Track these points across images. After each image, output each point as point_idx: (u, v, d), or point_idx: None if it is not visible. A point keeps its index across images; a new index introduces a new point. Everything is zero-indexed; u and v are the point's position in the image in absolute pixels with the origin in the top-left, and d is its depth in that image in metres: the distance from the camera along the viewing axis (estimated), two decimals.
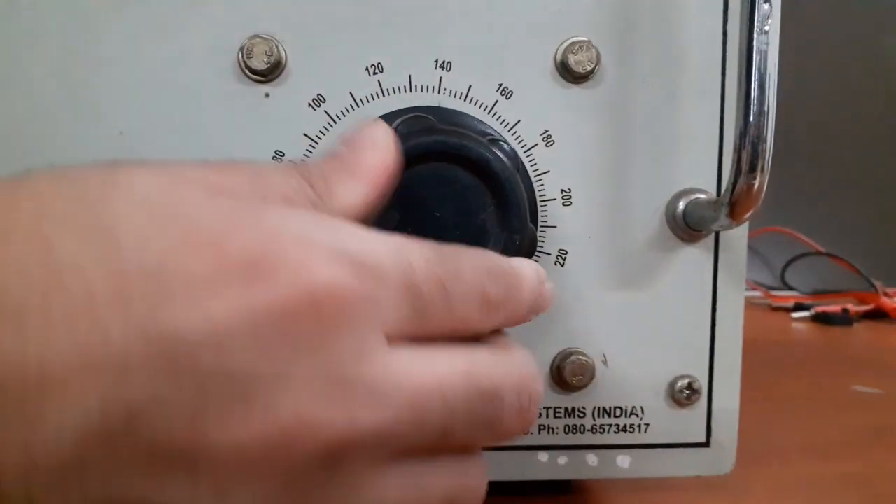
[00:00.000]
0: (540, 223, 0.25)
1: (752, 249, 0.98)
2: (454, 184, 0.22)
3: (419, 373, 0.16)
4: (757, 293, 0.90)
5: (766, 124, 0.23)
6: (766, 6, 0.22)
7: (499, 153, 0.22)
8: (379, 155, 0.19)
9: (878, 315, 0.76)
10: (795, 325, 0.73)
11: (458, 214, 0.22)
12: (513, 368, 0.18)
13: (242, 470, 0.14)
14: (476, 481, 0.19)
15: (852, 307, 0.76)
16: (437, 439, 0.17)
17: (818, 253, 0.89)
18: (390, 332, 0.17)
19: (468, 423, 0.17)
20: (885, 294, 0.80)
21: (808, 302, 0.80)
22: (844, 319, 0.73)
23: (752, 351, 0.57)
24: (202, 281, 0.14)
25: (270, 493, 0.15)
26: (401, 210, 0.22)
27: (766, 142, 0.23)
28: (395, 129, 0.23)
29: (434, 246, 0.18)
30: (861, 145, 0.97)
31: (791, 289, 0.91)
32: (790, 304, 0.81)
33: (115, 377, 0.13)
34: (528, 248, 0.23)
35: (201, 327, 0.14)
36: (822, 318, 0.73)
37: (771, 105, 0.23)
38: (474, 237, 0.22)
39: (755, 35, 0.22)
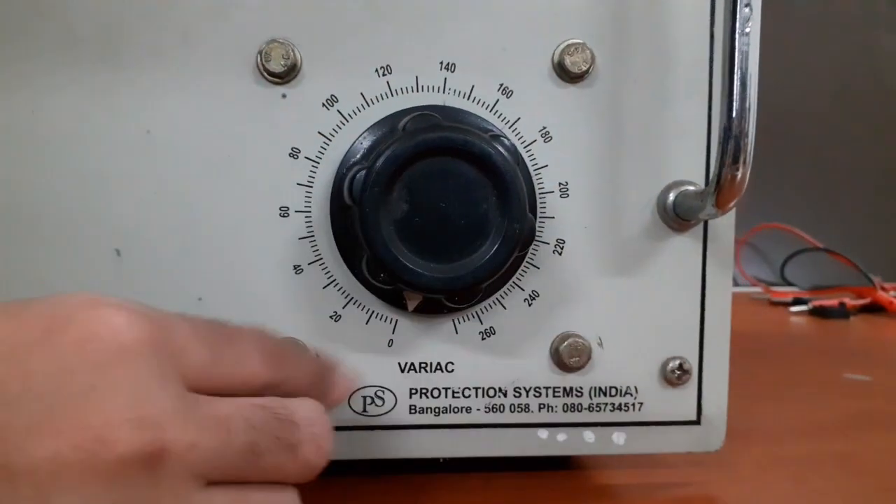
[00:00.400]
0: (539, 214, 0.27)
1: (753, 246, 1.00)
2: (458, 177, 0.24)
3: (221, 402, 0.19)
4: (757, 289, 0.91)
5: (748, 119, 0.24)
6: (747, 10, 0.24)
7: (500, 148, 0.24)
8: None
9: (874, 309, 0.78)
10: (794, 318, 0.74)
11: (463, 205, 0.24)
12: (306, 404, 0.21)
13: (59, 475, 0.16)
14: None
15: (849, 301, 0.77)
16: (246, 459, 0.19)
17: (817, 249, 0.91)
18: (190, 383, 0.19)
19: (271, 444, 0.19)
20: (883, 288, 0.81)
21: (806, 297, 0.81)
22: (841, 313, 0.74)
23: (750, 343, 0.59)
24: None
25: (93, 496, 0.16)
26: (409, 202, 0.24)
27: (748, 136, 0.24)
28: (404, 127, 0.25)
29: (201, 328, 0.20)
30: (859, 145, 0.99)
31: (790, 284, 0.93)
32: (789, 298, 0.82)
33: None
34: (527, 237, 0.25)
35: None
36: (819, 312, 0.75)
37: (752, 101, 0.24)
38: (477, 226, 0.24)
39: (737, 37, 0.24)
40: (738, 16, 0.24)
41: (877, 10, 0.99)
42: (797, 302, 0.79)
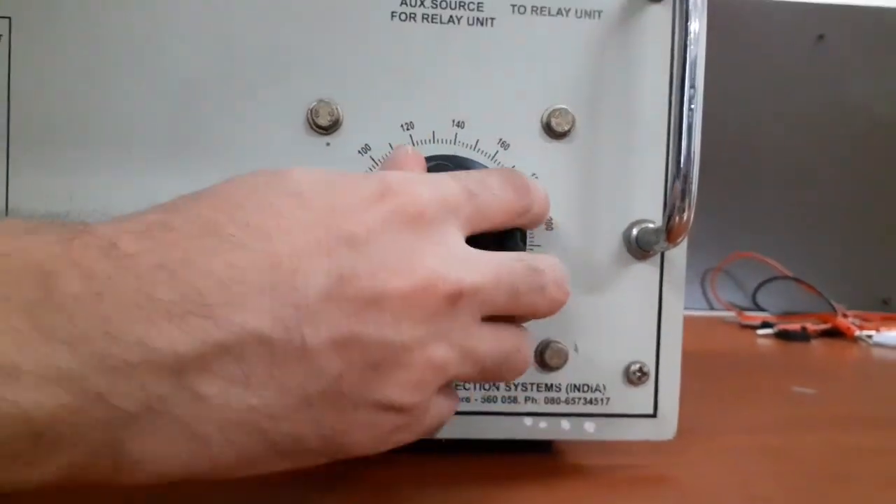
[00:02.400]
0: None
1: (727, 273, 1.07)
2: None
3: (491, 256, 0.27)
4: (731, 313, 0.98)
5: (692, 171, 0.31)
6: (692, 90, 0.31)
7: None
8: None
9: (834, 333, 0.85)
10: (760, 340, 0.81)
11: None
12: (548, 258, 0.29)
13: (406, 307, 0.24)
14: (526, 346, 0.29)
15: (811, 326, 0.84)
16: (510, 299, 0.27)
17: (786, 277, 0.98)
18: (464, 229, 0.27)
19: (526, 287, 0.27)
20: (844, 315, 0.88)
21: (773, 321, 0.88)
22: (802, 336, 0.81)
23: (717, 360, 0.66)
24: (357, 208, 0.24)
25: (421, 322, 0.24)
26: None
27: (692, 184, 0.31)
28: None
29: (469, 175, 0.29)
30: (827, 181, 1.06)
31: (762, 309, 1.00)
32: (757, 322, 0.89)
33: (328, 258, 0.23)
34: None
35: (365, 229, 0.24)
36: (783, 335, 0.82)
37: (695, 157, 0.31)
38: None
39: (684, 110, 0.31)
40: (685, 94, 0.31)
41: (846, 58, 1.07)
42: (764, 325, 0.86)
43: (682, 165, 0.31)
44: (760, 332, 0.85)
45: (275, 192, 0.24)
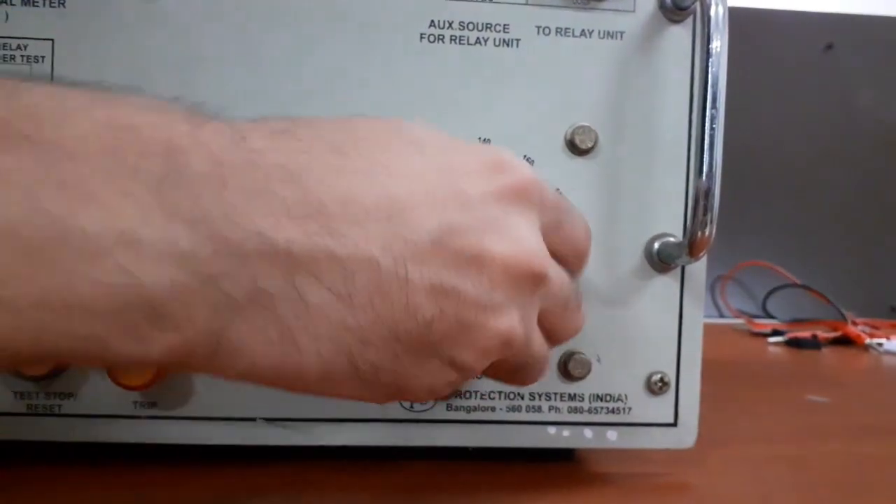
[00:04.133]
0: None
1: (737, 281, 1.08)
2: None
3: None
4: (740, 320, 0.99)
5: (714, 187, 0.32)
6: (714, 110, 0.32)
7: None
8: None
9: (845, 341, 0.85)
10: (771, 348, 0.82)
11: None
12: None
13: (504, 273, 0.25)
14: (546, 366, 0.30)
15: (821, 333, 0.85)
16: (559, 306, 0.28)
17: (796, 285, 0.99)
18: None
19: (574, 305, 0.30)
20: (854, 323, 0.89)
21: (783, 329, 0.89)
22: (813, 344, 0.82)
23: (730, 369, 0.66)
24: (473, 172, 0.25)
25: (512, 292, 0.25)
26: None
27: (713, 199, 0.32)
28: None
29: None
30: (836, 189, 1.07)
31: (771, 317, 1.00)
32: (768, 330, 0.90)
33: (441, 209, 0.24)
34: None
35: (479, 193, 0.25)
36: (794, 343, 0.82)
37: (717, 176, 0.32)
38: None
39: (706, 130, 0.32)
40: (706, 112, 0.32)
41: (855, 67, 1.08)
42: (775, 333, 0.87)
43: (703, 182, 0.32)
44: (771, 339, 0.85)
45: (397, 137, 0.25)
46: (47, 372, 0.32)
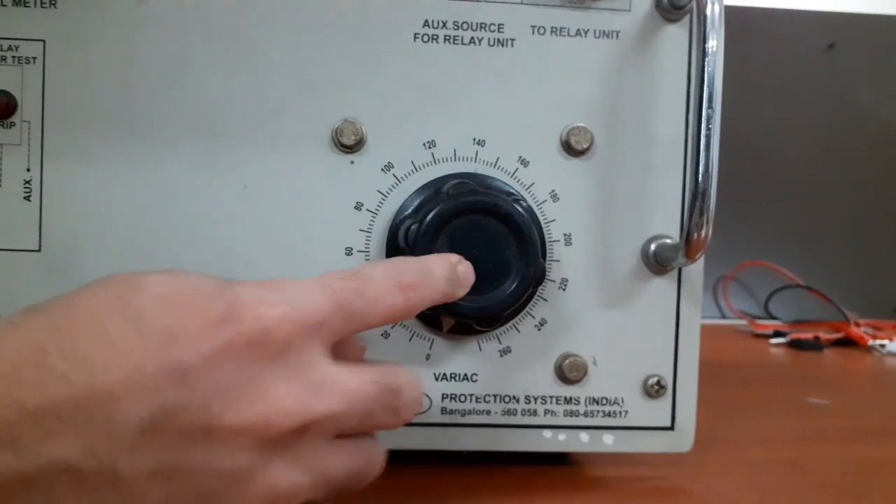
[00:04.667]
0: (548, 258, 0.34)
1: (739, 282, 1.07)
2: (488, 230, 0.31)
3: (349, 378, 0.26)
4: (743, 321, 0.98)
5: (710, 189, 0.32)
6: (710, 109, 0.31)
7: (519, 209, 0.32)
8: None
9: (847, 342, 0.85)
10: (773, 349, 0.81)
11: (490, 252, 0.31)
12: (409, 374, 0.28)
13: (240, 439, 0.23)
14: (378, 457, 0.28)
15: (823, 335, 0.84)
16: (362, 421, 0.26)
17: (798, 286, 0.98)
18: (334, 339, 0.26)
19: (380, 409, 0.27)
20: (857, 324, 0.88)
21: (785, 330, 0.88)
22: (815, 345, 0.81)
23: (731, 370, 0.66)
24: (195, 335, 0.23)
25: (260, 450, 0.24)
26: (450, 248, 0.31)
27: (710, 201, 0.32)
28: (447, 192, 0.32)
29: (349, 270, 0.28)
30: (837, 189, 1.06)
31: (774, 318, 1.00)
32: (770, 331, 0.89)
33: (152, 392, 0.22)
34: (539, 278, 0.32)
35: (200, 359, 0.23)
36: (796, 344, 0.82)
37: (713, 177, 0.32)
38: (501, 268, 0.32)
39: (702, 130, 0.31)
40: (702, 112, 0.31)
41: (857, 66, 1.07)
42: (777, 335, 0.86)
43: (700, 183, 0.31)
44: (773, 340, 0.85)
45: (114, 315, 0.23)
46: None
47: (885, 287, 1.06)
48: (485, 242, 0.31)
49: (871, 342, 0.83)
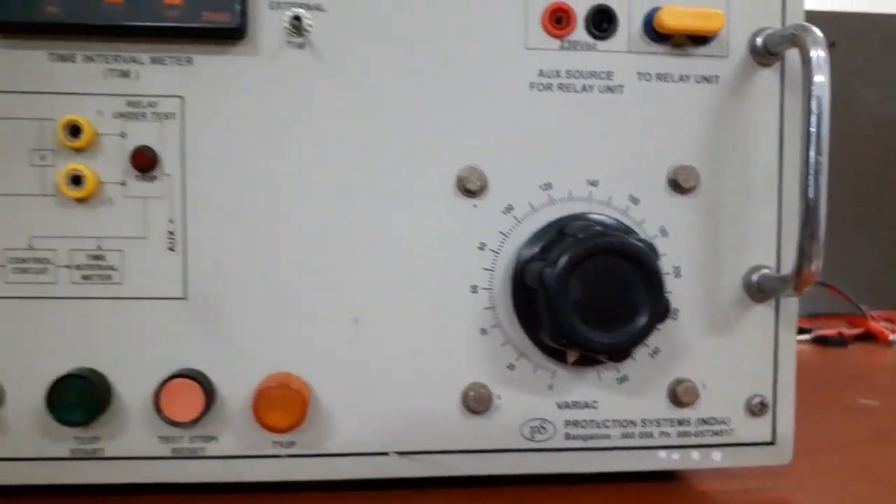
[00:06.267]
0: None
1: None
2: (617, 269, 0.34)
3: None
4: None
5: (820, 224, 0.34)
6: (819, 156, 0.34)
7: (646, 248, 0.34)
8: None
9: (867, 337, 0.89)
10: (798, 347, 0.85)
11: (619, 290, 0.34)
12: None
13: None
14: None
15: (846, 330, 0.88)
16: None
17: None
18: None
19: None
20: (872, 318, 0.92)
21: (807, 326, 0.92)
22: (840, 342, 0.85)
23: None
24: None
25: None
26: (582, 287, 0.33)
27: (819, 234, 0.34)
28: (576, 236, 0.34)
29: None
30: (850, 190, 1.10)
31: None
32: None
33: None
34: (665, 313, 0.34)
35: None
36: (820, 341, 0.86)
37: (822, 210, 0.34)
38: (630, 305, 0.34)
39: (811, 179, 0.34)
40: (810, 161, 0.34)
41: (857, 65, 1.11)
42: (801, 332, 0.90)
43: (810, 218, 0.34)
44: (798, 337, 0.88)
45: None
46: (194, 417, 0.34)
47: (890, 280, 1.10)
48: (614, 281, 0.34)
49: (892, 337, 0.86)
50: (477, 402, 0.36)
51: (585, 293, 0.33)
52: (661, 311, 0.34)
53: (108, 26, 0.33)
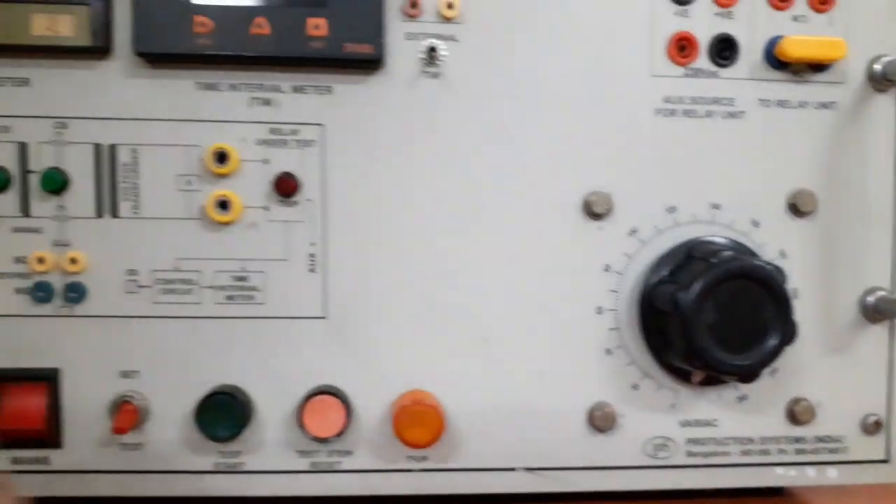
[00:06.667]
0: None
1: None
2: (748, 292, 0.35)
3: None
4: None
5: None
6: None
7: (775, 270, 0.35)
8: None
9: None
10: None
11: (751, 313, 0.35)
12: None
13: None
14: None
15: None
16: None
17: None
18: None
19: None
20: None
21: None
22: None
23: None
24: None
25: None
26: (716, 310, 0.34)
27: None
28: (709, 260, 0.35)
29: None
30: None
31: None
32: None
33: None
34: (794, 335, 0.35)
35: None
36: None
37: None
38: (761, 328, 0.35)
39: None
40: None
41: None
42: None
43: None
44: None
45: None
46: (336, 433, 0.35)
47: None
48: (745, 304, 0.35)
49: None
50: (603, 421, 0.37)
51: (718, 316, 0.34)
52: (790, 332, 0.35)
53: (255, 57, 0.34)
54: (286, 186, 0.35)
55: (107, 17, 0.34)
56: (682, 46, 0.37)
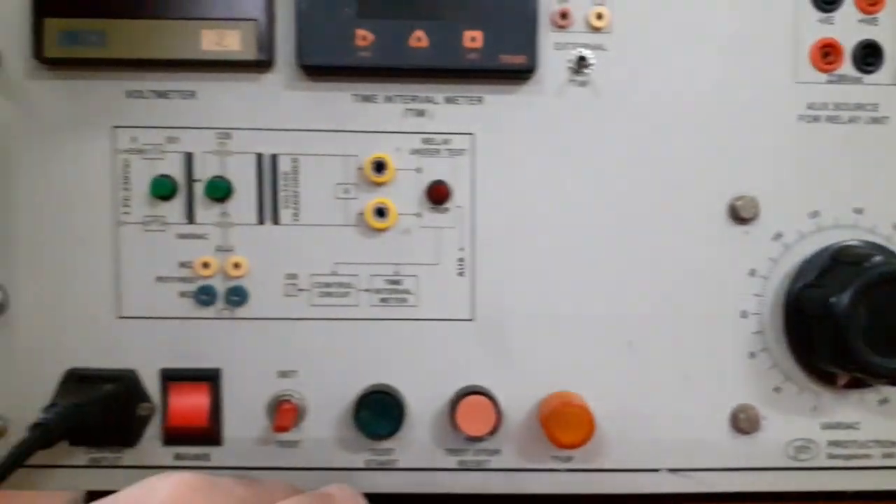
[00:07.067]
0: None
1: None
2: None
3: None
4: None
5: None
6: None
7: None
8: None
9: None
10: None
11: None
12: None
13: None
14: None
15: None
16: None
17: None
18: None
19: None
20: None
21: None
22: None
23: None
24: None
25: None
26: (868, 314, 0.35)
27: None
28: (860, 265, 0.35)
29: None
30: None
31: None
32: None
33: None
34: None
35: None
36: None
37: None
38: None
39: None
40: None
41: None
42: None
43: None
44: None
45: None
46: (488, 432, 0.36)
47: None
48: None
49: None
50: (747, 423, 0.37)
51: (870, 320, 0.35)
52: None
53: (414, 69, 0.36)
54: (438, 194, 0.37)
55: (271, 31, 0.36)
56: (826, 53, 0.37)
